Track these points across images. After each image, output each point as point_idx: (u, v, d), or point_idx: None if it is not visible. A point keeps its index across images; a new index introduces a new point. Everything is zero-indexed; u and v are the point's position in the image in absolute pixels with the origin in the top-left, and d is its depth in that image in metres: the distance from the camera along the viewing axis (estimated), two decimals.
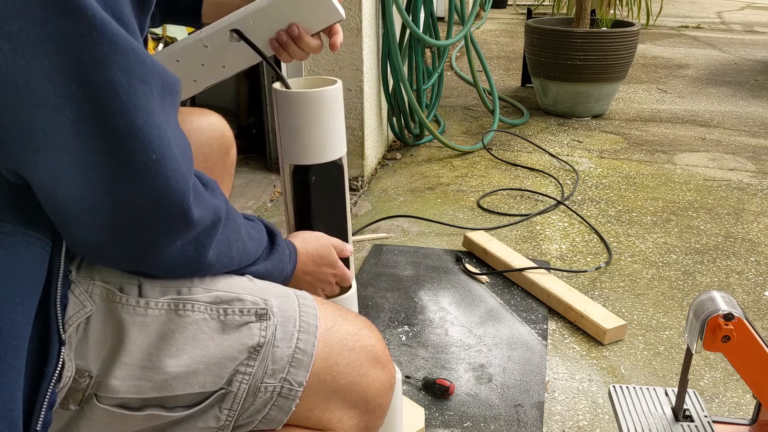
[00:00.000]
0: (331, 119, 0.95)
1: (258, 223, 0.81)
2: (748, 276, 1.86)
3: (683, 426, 1.06)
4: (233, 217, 0.73)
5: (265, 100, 2.52)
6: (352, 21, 2.27)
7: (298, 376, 0.71)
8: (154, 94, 0.58)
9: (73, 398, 0.65)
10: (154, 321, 0.67)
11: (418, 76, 2.69)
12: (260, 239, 0.79)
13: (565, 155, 2.80)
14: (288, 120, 0.95)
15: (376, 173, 2.63)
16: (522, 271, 1.80)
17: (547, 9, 4.95)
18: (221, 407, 0.69)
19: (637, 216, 2.24)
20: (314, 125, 0.94)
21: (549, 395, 1.40)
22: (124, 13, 0.56)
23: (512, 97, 3.66)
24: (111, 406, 0.66)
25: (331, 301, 1.01)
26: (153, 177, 0.58)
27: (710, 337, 0.95)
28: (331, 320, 0.76)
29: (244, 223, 0.76)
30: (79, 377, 0.65)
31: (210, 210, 0.66)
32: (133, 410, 0.67)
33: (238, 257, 0.74)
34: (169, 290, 0.69)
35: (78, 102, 0.54)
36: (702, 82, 4.14)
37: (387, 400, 0.79)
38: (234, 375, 0.69)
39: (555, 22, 3.42)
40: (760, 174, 2.62)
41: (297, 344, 0.71)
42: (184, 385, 0.67)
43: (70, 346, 0.64)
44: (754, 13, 7.49)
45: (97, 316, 0.66)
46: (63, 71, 0.53)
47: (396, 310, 1.70)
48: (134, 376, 0.65)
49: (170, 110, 0.61)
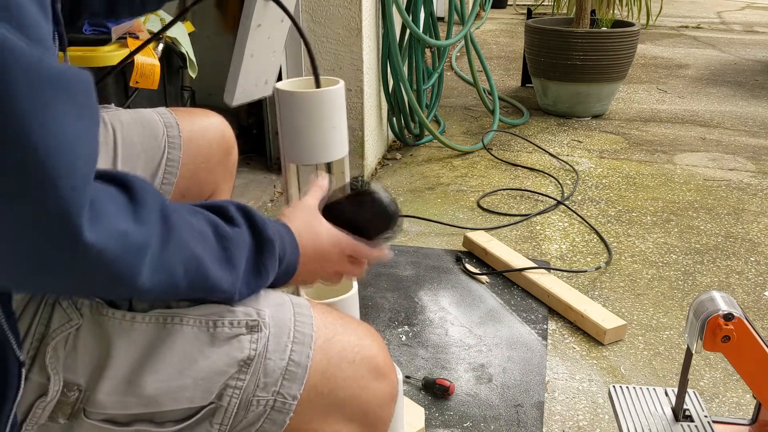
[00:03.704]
0: (334, 119, 0.95)
1: (241, 235, 0.67)
2: (748, 276, 1.86)
3: (683, 426, 1.06)
4: (180, 237, 0.60)
5: (265, 100, 2.52)
6: (352, 21, 2.27)
7: (291, 389, 0.68)
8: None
9: (62, 412, 0.64)
10: (141, 334, 0.65)
11: (418, 76, 2.69)
12: (236, 259, 0.66)
13: (565, 155, 2.80)
14: (290, 120, 0.95)
15: (376, 173, 2.64)
16: (522, 271, 1.80)
17: (547, 9, 4.95)
18: (212, 422, 0.67)
19: (637, 216, 2.24)
20: (317, 125, 0.94)
21: (549, 395, 1.40)
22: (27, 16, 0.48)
23: (512, 97, 3.66)
24: (99, 421, 0.65)
25: (333, 302, 1.01)
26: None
27: (710, 337, 0.95)
28: (331, 330, 0.73)
29: (211, 246, 0.64)
30: (68, 390, 0.63)
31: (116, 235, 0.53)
32: (121, 425, 0.65)
33: (201, 285, 0.62)
34: (158, 303, 0.66)
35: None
36: (702, 82, 4.14)
37: (388, 413, 0.76)
38: (224, 389, 0.66)
39: (555, 22, 3.42)
40: (760, 174, 2.62)
41: (291, 356, 0.69)
42: (172, 401, 0.65)
43: (57, 359, 0.63)
44: (754, 13, 7.49)
45: (85, 328, 0.64)
46: None
47: (396, 310, 1.70)
48: (120, 391, 0.64)
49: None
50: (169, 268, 0.58)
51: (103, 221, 0.51)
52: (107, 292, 0.60)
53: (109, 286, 0.55)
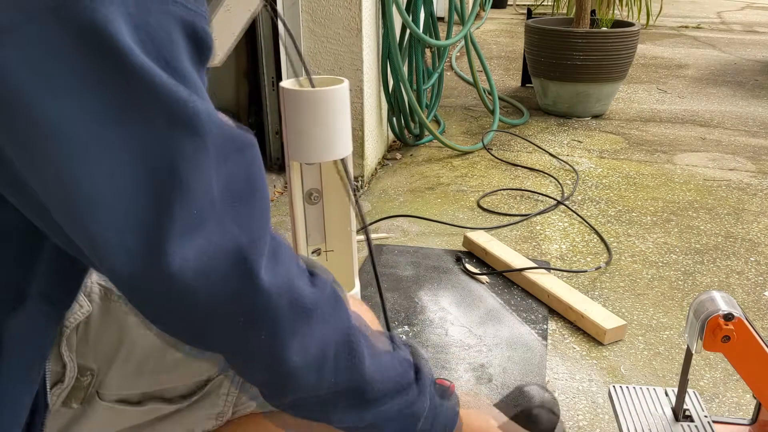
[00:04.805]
0: (338, 118, 0.95)
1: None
2: (748, 276, 1.86)
3: (683, 426, 1.06)
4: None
5: (265, 100, 2.52)
6: (352, 21, 2.27)
7: None
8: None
9: (75, 397, 0.66)
10: None
11: (418, 76, 2.69)
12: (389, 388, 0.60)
13: (565, 155, 2.80)
14: (295, 118, 0.95)
15: (376, 173, 2.64)
16: (522, 271, 1.80)
17: (547, 9, 4.95)
18: (219, 393, 0.70)
19: (637, 216, 2.24)
20: (321, 124, 0.95)
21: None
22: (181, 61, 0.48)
23: (512, 97, 3.66)
24: (112, 402, 0.67)
25: None
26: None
27: (710, 337, 0.95)
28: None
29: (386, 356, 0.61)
30: (81, 375, 0.65)
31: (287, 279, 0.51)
32: (134, 404, 0.68)
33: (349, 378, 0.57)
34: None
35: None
36: (702, 82, 4.14)
37: None
38: None
39: (555, 22, 3.42)
40: (760, 174, 2.62)
41: None
42: (182, 375, 0.68)
43: (71, 346, 0.65)
44: (754, 13, 7.49)
45: (96, 315, 0.66)
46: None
47: (396, 310, 1.70)
48: (132, 371, 0.66)
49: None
50: (322, 345, 0.54)
51: (281, 268, 0.50)
52: (252, 353, 0.53)
53: (257, 340, 0.50)
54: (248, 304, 0.48)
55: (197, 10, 0.47)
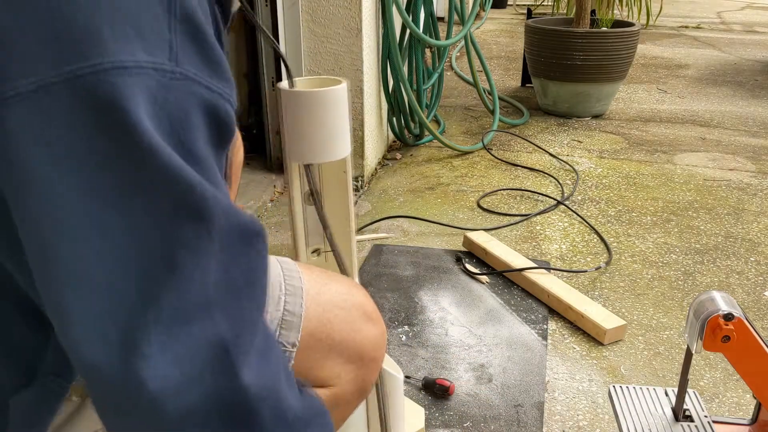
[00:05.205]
0: (337, 118, 0.95)
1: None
2: (748, 276, 1.86)
3: (683, 426, 1.06)
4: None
5: (265, 101, 2.52)
6: (352, 21, 2.27)
7: (289, 337, 0.72)
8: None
9: (74, 391, 0.66)
10: None
11: (418, 76, 2.69)
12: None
13: (565, 155, 2.80)
14: (294, 119, 0.95)
15: (376, 173, 2.64)
16: (522, 271, 1.80)
17: (547, 9, 4.95)
18: None
19: (637, 216, 2.24)
20: (320, 124, 0.94)
21: (549, 395, 1.40)
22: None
23: (512, 97, 3.66)
24: None
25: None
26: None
27: (710, 337, 0.95)
28: (319, 282, 0.78)
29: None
30: None
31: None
32: None
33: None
34: None
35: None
36: (702, 82, 4.14)
37: (381, 354, 0.81)
38: None
39: (555, 22, 3.42)
40: (760, 174, 2.62)
41: (285, 307, 0.73)
42: None
43: None
44: (754, 13, 7.49)
45: None
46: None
47: (396, 310, 1.70)
48: None
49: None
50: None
51: (267, 370, 0.47)
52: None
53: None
54: (224, 404, 0.44)
55: (221, 92, 0.46)
